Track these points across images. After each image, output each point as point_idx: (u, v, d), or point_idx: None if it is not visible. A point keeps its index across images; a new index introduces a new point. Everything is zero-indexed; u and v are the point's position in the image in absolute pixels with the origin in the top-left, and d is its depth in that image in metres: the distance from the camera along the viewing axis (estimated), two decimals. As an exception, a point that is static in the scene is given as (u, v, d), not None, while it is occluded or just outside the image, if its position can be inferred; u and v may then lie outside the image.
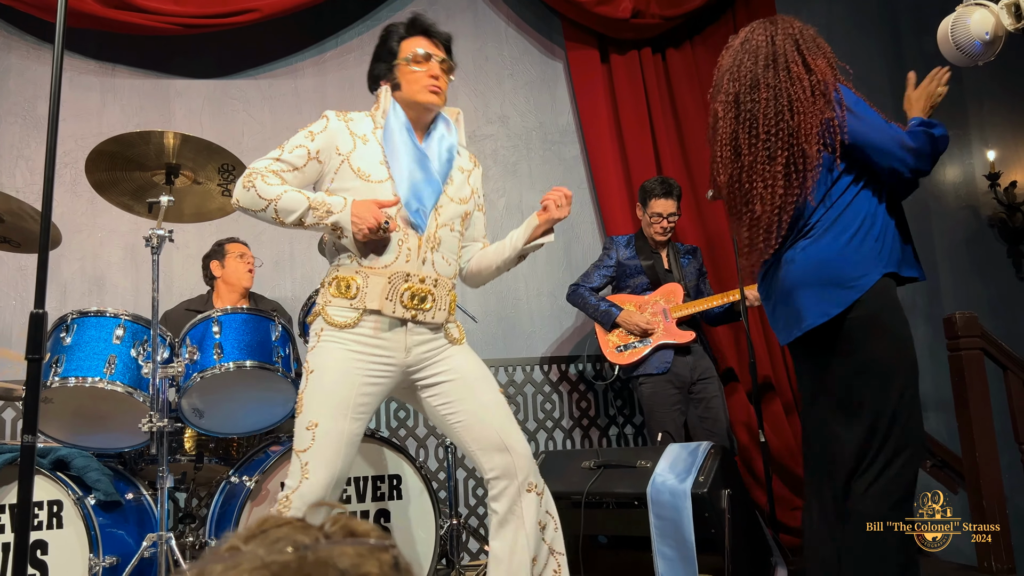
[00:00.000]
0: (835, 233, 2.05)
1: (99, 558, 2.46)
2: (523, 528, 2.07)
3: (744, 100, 2.10)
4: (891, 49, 4.98)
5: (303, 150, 2.14)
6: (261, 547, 0.57)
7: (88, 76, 3.98)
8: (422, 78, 2.18)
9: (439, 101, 2.21)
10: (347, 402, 2.04)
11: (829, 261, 2.04)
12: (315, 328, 2.14)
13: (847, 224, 2.05)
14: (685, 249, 3.94)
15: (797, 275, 2.08)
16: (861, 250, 2.03)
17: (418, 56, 2.19)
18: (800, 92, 2.04)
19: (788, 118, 2.04)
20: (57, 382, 2.53)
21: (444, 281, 2.17)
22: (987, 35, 2.06)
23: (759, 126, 2.07)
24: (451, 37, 2.31)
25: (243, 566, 0.54)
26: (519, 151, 4.44)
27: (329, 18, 4.29)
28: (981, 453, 3.12)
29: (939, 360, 3.40)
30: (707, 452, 2.74)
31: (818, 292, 2.04)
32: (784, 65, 2.08)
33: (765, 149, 2.07)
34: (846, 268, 2.03)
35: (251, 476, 2.69)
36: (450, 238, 2.19)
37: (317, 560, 0.55)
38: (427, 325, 2.13)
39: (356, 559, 0.56)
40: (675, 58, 4.55)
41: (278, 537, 0.58)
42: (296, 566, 0.54)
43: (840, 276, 2.03)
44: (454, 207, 2.21)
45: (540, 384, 4.22)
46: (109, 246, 3.88)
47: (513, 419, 2.18)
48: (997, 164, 5.05)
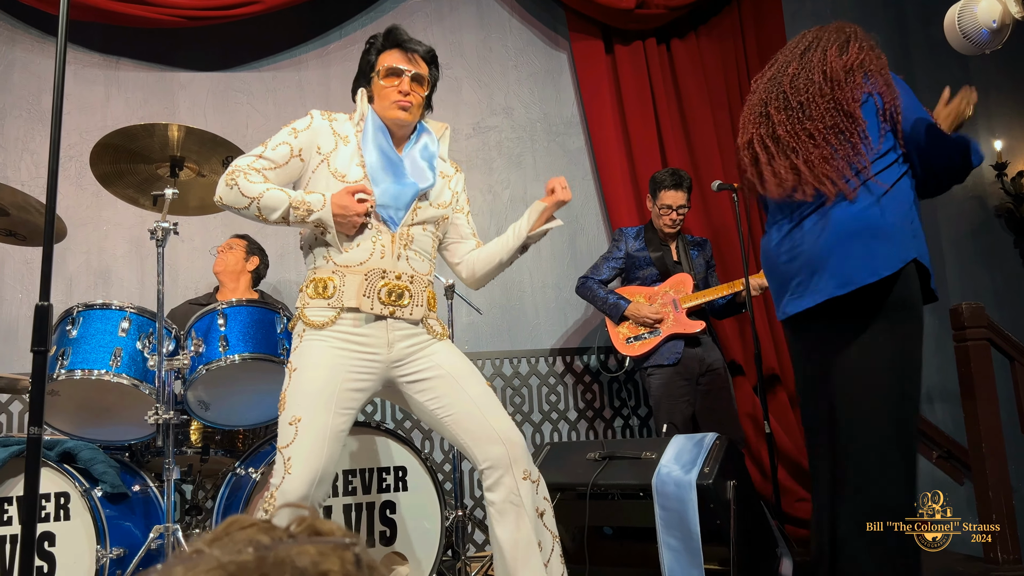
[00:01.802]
0: (888, 199, 2.00)
1: (106, 550, 2.47)
2: (524, 515, 2.07)
3: (779, 73, 2.12)
4: (897, 39, 4.95)
5: (286, 147, 2.16)
6: (222, 549, 0.56)
7: (92, 69, 3.98)
8: (391, 93, 2.20)
9: (407, 118, 2.21)
10: (331, 396, 2.04)
11: (879, 221, 1.97)
12: (296, 331, 2.15)
13: (896, 194, 2.01)
14: (694, 241, 3.93)
15: (843, 230, 1.99)
16: (905, 224, 2.00)
17: (388, 71, 2.21)
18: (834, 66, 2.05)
19: (821, 81, 2.04)
20: (63, 375, 2.53)
21: (420, 278, 2.18)
22: (994, 23, 2.05)
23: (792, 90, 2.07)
24: (431, 49, 2.30)
25: (200, 567, 0.54)
26: (523, 143, 4.43)
27: (332, 10, 4.28)
28: (987, 444, 3.11)
29: (945, 351, 3.39)
30: (712, 443, 2.74)
31: (866, 250, 1.95)
32: (821, 49, 2.09)
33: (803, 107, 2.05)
34: (894, 232, 1.97)
35: (257, 468, 2.70)
36: (423, 237, 2.21)
37: (276, 560, 0.54)
38: (406, 320, 2.14)
39: (317, 557, 0.56)
40: (680, 49, 4.52)
41: (241, 539, 0.58)
42: (255, 566, 0.54)
43: (889, 237, 1.96)
44: (432, 211, 2.23)
45: (545, 376, 4.22)
46: (114, 239, 3.89)
47: (502, 409, 2.18)
48: (1004, 154, 5.03)
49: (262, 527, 0.59)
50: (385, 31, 2.28)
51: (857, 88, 2.02)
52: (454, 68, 4.39)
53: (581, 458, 2.97)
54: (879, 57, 2.12)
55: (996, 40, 2.09)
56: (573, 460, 2.99)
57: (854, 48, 2.09)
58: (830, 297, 1.99)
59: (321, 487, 2.01)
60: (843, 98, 2.02)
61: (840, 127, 2.02)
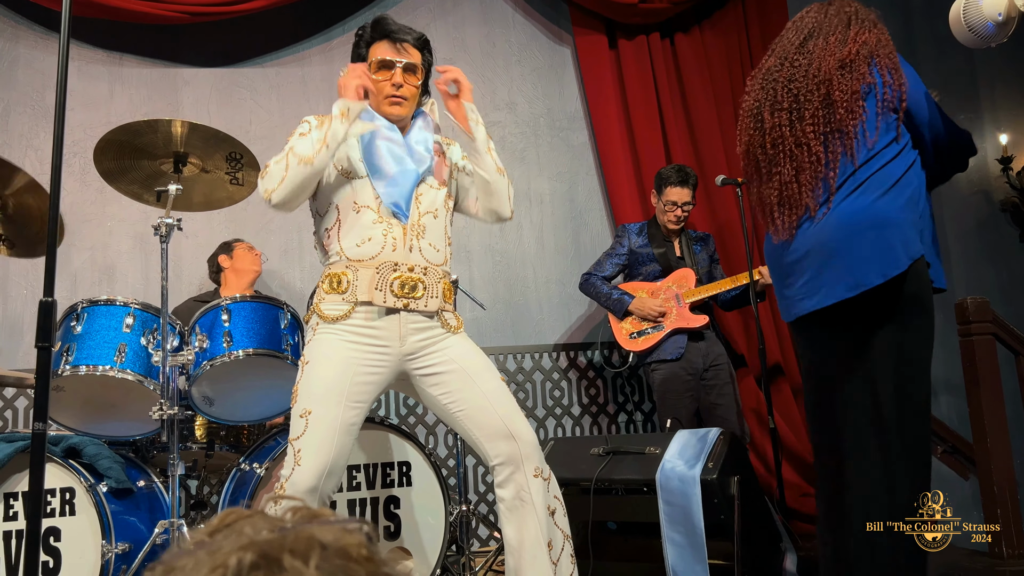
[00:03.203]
0: (896, 192, 1.94)
1: (111, 545, 2.48)
2: (534, 514, 2.06)
3: (774, 71, 2.09)
4: (902, 32, 4.93)
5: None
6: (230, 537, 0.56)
7: (96, 65, 3.98)
8: (384, 88, 2.18)
9: (401, 112, 2.20)
10: (342, 389, 2.04)
11: (890, 219, 1.92)
12: (311, 324, 2.17)
13: (904, 187, 1.95)
14: (697, 236, 3.93)
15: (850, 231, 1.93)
16: (911, 218, 1.94)
17: (379, 64, 2.19)
18: (831, 61, 1.99)
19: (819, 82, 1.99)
20: (68, 370, 2.54)
21: (434, 269, 2.16)
22: (1000, 16, 2.04)
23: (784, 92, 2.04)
24: (422, 35, 2.26)
25: (226, 548, 0.54)
26: (527, 138, 4.42)
27: (336, 5, 4.27)
28: (992, 439, 3.10)
29: (950, 345, 3.37)
30: (717, 438, 2.74)
31: (875, 250, 1.89)
32: (823, 36, 2.05)
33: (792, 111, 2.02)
34: (904, 230, 1.91)
35: (261, 463, 2.70)
36: (435, 225, 2.19)
37: (299, 535, 0.55)
38: (420, 313, 2.13)
39: (337, 533, 0.56)
40: (684, 43, 4.51)
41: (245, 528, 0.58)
42: (279, 542, 0.54)
43: (899, 237, 1.90)
44: (434, 193, 2.21)
45: (549, 371, 4.22)
46: (118, 235, 3.89)
47: (516, 405, 2.17)
48: (1010, 148, 5.00)
49: (260, 517, 0.59)
50: (372, 21, 2.24)
51: (857, 80, 1.98)
52: (457, 63, 4.35)
53: (585, 453, 2.98)
54: (882, 36, 2.06)
55: (1002, 33, 2.08)
56: (577, 456, 2.99)
57: (855, 33, 2.05)
58: (839, 300, 1.93)
59: (331, 479, 2.02)
60: (839, 97, 1.96)
61: (835, 129, 1.97)
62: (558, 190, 4.40)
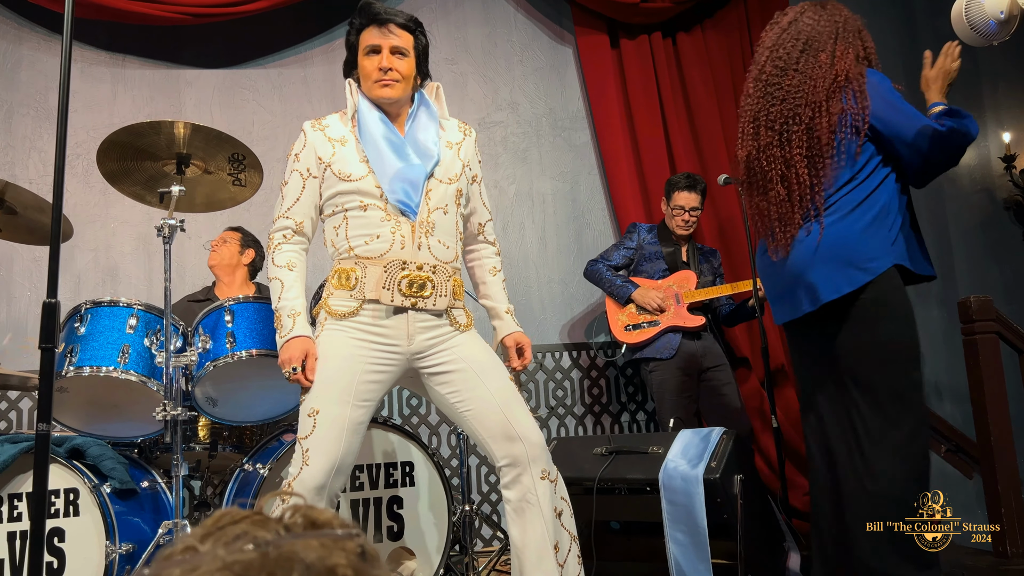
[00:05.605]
0: (857, 215, 2.09)
1: (115, 545, 2.48)
2: (540, 515, 2.06)
3: (772, 83, 2.14)
4: (905, 30, 4.92)
5: (297, 176, 2.19)
6: (220, 546, 0.53)
7: (98, 67, 3.99)
8: (372, 72, 2.15)
9: (390, 94, 2.16)
10: (349, 388, 2.05)
11: (848, 242, 2.08)
12: (319, 319, 2.17)
13: (868, 208, 2.10)
14: (704, 250, 3.96)
15: (815, 252, 2.12)
16: (877, 236, 2.08)
17: (368, 50, 2.17)
18: (818, 85, 2.09)
19: (804, 106, 2.09)
20: (72, 371, 2.54)
21: (443, 267, 2.15)
22: (1002, 14, 2.04)
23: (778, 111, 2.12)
24: (411, 17, 2.21)
25: (202, 568, 0.51)
26: (529, 138, 4.42)
27: (338, 5, 4.27)
28: (996, 437, 3.10)
29: (953, 344, 3.38)
30: (719, 438, 2.74)
31: (833, 270, 2.08)
32: (815, 52, 2.11)
33: (782, 132, 2.10)
34: (862, 250, 2.07)
35: (264, 464, 2.70)
36: (445, 221, 2.16)
37: (280, 556, 0.52)
38: (429, 312, 2.13)
39: (321, 551, 0.53)
40: (686, 42, 4.51)
41: (236, 534, 0.55)
42: (259, 564, 0.51)
43: (856, 257, 2.07)
44: (444, 188, 2.18)
45: (552, 371, 4.22)
46: (122, 236, 3.90)
47: (524, 406, 2.16)
48: (1013, 146, 4.99)
49: (254, 520, 0.57)
50: (358, 8, 2.20)
51: (836, 109, 2.10)
52: (459, 63, 4.39)
53: (588, 453, 2.98)
54: (860, 51, 2.17)
55: (1004, 31, 2.08)
56: (580, 455, 2.99)
57: (841, 52, 2.13)
58: (805, 313, 2.16)
59: (339, 478, 2.03)
60: (819, 124, 2.10)
61: (813, 151, 2.12)
62: (560, 190, 4.40)
